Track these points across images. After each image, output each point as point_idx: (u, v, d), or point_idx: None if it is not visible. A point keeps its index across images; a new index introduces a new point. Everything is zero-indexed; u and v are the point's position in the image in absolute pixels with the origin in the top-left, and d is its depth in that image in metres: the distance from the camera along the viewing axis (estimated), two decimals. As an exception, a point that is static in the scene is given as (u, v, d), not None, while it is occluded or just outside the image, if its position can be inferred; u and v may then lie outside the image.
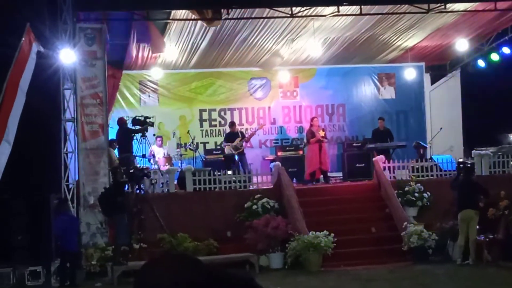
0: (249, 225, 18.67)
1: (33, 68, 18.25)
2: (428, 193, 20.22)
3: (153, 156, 22.26)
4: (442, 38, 24.25)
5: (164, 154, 22.94)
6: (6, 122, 17.66)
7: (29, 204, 20.65)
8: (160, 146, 23.17)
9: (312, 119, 23.63)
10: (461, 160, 20.11)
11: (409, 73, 26.12)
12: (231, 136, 23.20)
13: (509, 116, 25.32)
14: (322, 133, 22.95)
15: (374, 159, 21.92)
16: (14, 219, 20.37)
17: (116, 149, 21.19)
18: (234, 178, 20.93)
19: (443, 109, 26.55)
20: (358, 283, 15.41)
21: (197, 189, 20.47)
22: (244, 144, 23.04)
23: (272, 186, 20.57)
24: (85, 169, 19.27)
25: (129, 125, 21.79)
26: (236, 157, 22.78)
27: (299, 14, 20.04)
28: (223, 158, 22.84)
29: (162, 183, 20.76)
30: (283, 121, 25.77)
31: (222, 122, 25.31)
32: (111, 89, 21.98)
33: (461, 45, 24.29)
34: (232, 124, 23.90)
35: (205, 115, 25.28)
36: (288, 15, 19.90)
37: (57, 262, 17.67)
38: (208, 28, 20.83)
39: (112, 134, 21.15)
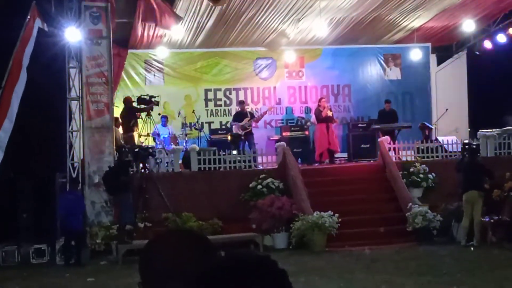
0: (254, 205, 18.71)
1: (33, 44, 18.24)
2: (433, 174, 20.22)
3: (158, 135, 22.25)
4: (449, 18, 24.14)
5: (169, 134, 22.94)
6: (10, 101, 17.70)
7: (34, 183, 20.70)
8: (165, 125, 23.16)
9: (320, 100, 23.64)
10: (466, 141, 20.08)
11: (415, 54, 26.04)
12: (240, 116, 23.16)
13: (515, 98, 25.25)
14: (330, 113, 22.97)
15: (379, 140, 21.91)
16: (19, 197, 20.41)
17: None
18: (239, 158, 20.94)
19: (449, 90, 26.47)
20: (363, 263, 15.43)
21: (202, 168, 20.50)
22: (252, 124, 23.03)
23: (277, 166, 20.58)
24: (90, 148, 19.30)
25: (135, 104, 21.75)
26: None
27: (305, -7, 19.95)
28: (229, 138, 22.73)
29: (167, 163, 20.78)
30: (289, 101, 25.73)
31: (228, 102, 25.28)
32: (117, 68, 21.94)
33: (468, 26, 24.19)
34: (241, 102, 23.83)
35: (211, 95, 25.25)
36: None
37: (62, 240, 17.75)
38: (214, 7, 20.75)
39: (117, 113, 21.16)
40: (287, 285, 1.98)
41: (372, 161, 22.39)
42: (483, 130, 22.15)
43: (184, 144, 22.54)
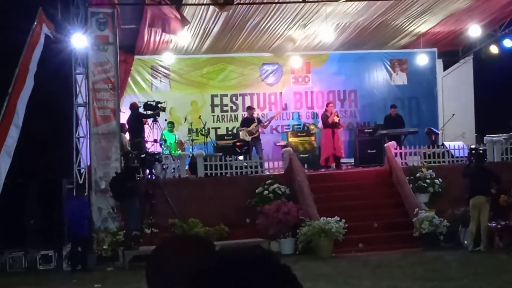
0: (260, 211, 18.69)
1: (41, 49, 18.29)
2: (439, 179, 20.18)
3: (165, 141, 22.27)
4: (455, 23, 24.12)
5: (176, 140, 22.95)
6: (15, 106, 17.75)
7: (42, 189, 20.76)
8: (172, 131, 23.18)
9: (327, 104, 23.62)
10: (473, 146, 20.05)
11: (422, 59, 26.02)
12: (248, 121, 23.18)
13: (522, 103, 25.21)
14: (336, 119, 22.96)
15: (385, 145, 21.89)
16: (26, 203, 20.48)
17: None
18: (246, 164, 20.94)
19: (455, 95, 26.45)
20: (369, 268, 15.41)
21: (208, 174, 20.50)
22: (260, 129, 23.04)
23: (283, 172, 20.57)
24: (96, 154, 19.33)
25: (141, 110, 21.77)
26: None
27: (311, -1, 19.96)
28: (236, 143, 22.75)
29: (174, 168, 20.79)
30: (295, 107, 25.73)
31: (234, 107, 25.29)
32: (123, 74, 21.98)
33: (474, 31, 24.17)
34: (249, 108, 23.87)
35: (217, 101, 25.26)
36: (300, 0, 19.81)
37: (69, 246, 17.77)
38: (220, 13, 20.77)
39: (124, 119, 21.18)
40: (291, 279, 1.95)
41: (378, 166, 22.35)
42: (489, 135, 22.13)
43: (191, 149, 22.56)
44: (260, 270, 1.90)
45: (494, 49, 25.61)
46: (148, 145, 21.32)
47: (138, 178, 19.15)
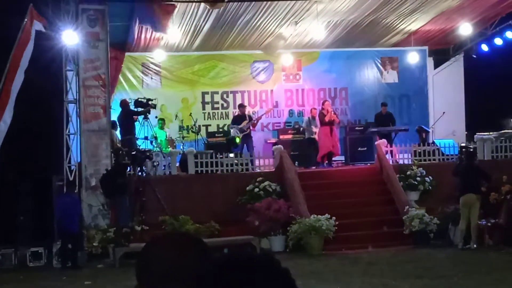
0: (251, 208, 18.69)
1: (32, 46, 18.24)
2: (430, 177, 20.22)
3: (155, 138, 22.23)
4: (446, 22, 24.17)
5: (166, 137, 22.93)
6: (6, 104, 17.70)
7: (32, 186, 20.70)
8: (162, 128, 23.15)
9: (323, 102, 23.62)
10: (463, 144, 20.09)
11: (412, 57, 26.06)
12: (239, 119, 23.18)
13: (512, 101, 25.29)
14: (334, 116, 22.95)
15: (376, 143, 21.92)
16: (17, 200, 20.41)
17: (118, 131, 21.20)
18: (236, 161, 20.94)
19: (446, 93, 26.49)
20: (359, 266, 15.43)
21: (199, 171, 20.50)
22: (251, 127, 23.04)
23: (274, 169, 20.58)
24: (87, 151, 19.29)
25: (132, 107, 21.73)
26: (238, 140, 22.70)
27: (303, -4, 19.96)
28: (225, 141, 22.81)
29: (164, 166, 20.78)
30: (286, 104, 25.73)
31: (225, 105, 25.28)
32: (114, 71, 21.93)
33: (465, 29, 24.21)
34: (241, 106, 23.85)
35: (208, 98, 25.24)
36: (292, -2, 19.82)
37: (59, 243, 17.73)
38: (211, 10, 20.74)
39: (115, 116, 21.14)
40: (291, 284, 1.96)
41: (369, 164, 22.40)
42: (480, 133, 22.18)
43: (181, 147, 22.53)
44: (264, 275, 1.90)
45: (484, 48, 25.68)
46: (139, 142, 21.31)
47: (129, 175, 19.13)
